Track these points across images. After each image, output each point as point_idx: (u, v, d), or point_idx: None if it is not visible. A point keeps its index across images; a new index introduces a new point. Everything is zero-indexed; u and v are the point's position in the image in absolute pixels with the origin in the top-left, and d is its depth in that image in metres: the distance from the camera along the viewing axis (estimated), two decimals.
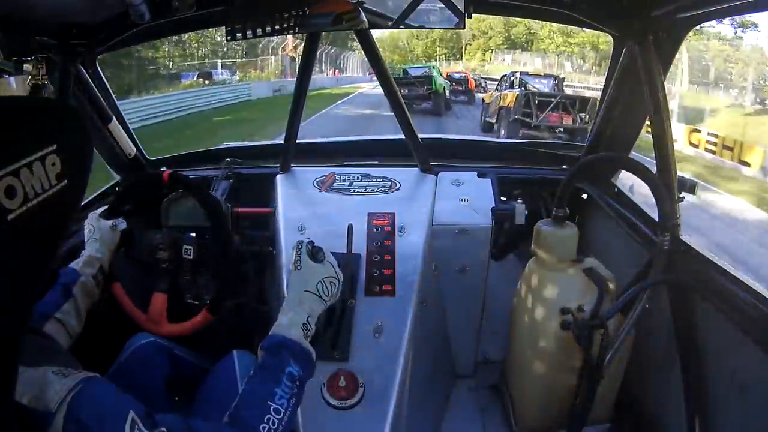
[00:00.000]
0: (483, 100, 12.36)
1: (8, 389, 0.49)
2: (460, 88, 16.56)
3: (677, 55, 1.25)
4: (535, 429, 1.43)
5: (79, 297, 1.04)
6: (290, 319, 0.84)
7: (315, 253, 0.94)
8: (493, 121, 10.60)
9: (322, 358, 1.13)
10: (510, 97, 9.69)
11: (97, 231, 1.18)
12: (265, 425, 0.69)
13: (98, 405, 0.57)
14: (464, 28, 1.14)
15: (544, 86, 10.58)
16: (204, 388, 1.06)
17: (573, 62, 29.14)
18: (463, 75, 18.13)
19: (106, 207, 1.25)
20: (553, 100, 9.02)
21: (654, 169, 1.23)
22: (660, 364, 1.24)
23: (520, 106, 9.17)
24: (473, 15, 1.16)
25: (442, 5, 1.12)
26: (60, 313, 0.99)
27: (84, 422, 0.55)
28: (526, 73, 11.84)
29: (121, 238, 1.22)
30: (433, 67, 15.49)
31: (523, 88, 10.01)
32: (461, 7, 1.12)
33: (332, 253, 0.95)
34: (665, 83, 1.21)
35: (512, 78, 11.14)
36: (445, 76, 15.96)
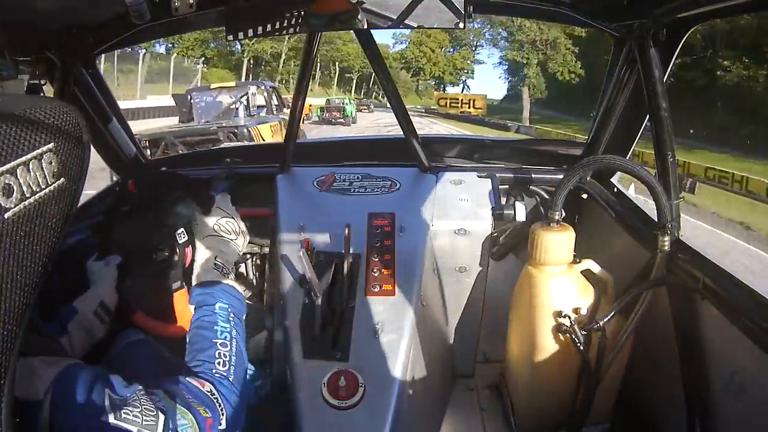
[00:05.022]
0: None
1: (5, 387, 0.49)
2: None
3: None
4: (534, 429, 1.42)
5: (73, 332, 1.08)
6: (202, 267, 1.01)
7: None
8: None
9: (322, 358, 1.13)
10: None
11: (92, 273, 1.22)
12: (218, 360, 0.85)
13: (79, 388, 0.60)
14: (464, 29, 1.14)
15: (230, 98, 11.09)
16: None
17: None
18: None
19: (96, 254, 1.29)
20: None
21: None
22: (660, 365, 1.24)
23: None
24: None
25: (442, 5, 1.12)
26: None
27: (67, 406, 0.57)
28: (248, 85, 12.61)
29: (118, 270, 1.25)
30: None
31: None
32: (461, 7, 1.12)
33: (332, 253, 0.95)
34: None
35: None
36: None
